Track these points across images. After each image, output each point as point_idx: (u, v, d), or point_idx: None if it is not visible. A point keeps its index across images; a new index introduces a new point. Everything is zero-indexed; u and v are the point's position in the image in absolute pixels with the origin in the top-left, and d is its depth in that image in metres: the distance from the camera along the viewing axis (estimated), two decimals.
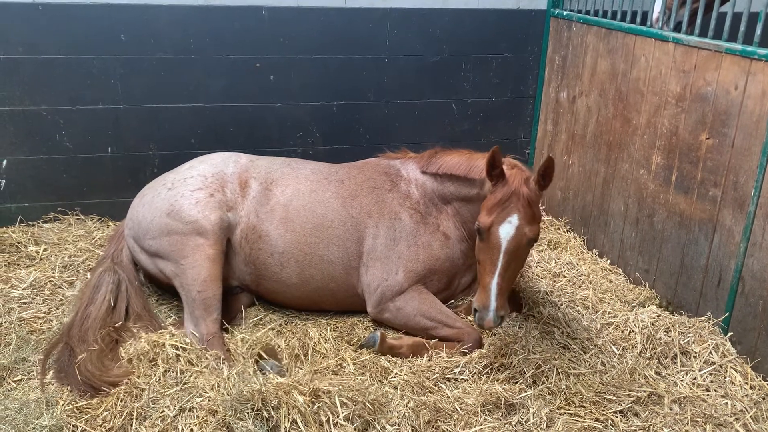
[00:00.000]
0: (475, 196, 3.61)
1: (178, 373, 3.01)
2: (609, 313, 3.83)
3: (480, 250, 3.20)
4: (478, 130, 5.43)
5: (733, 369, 3.37)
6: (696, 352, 3.46)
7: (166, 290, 3.88)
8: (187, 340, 3.27)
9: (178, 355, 3.12)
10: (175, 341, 3.21)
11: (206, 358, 3.15)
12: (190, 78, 4.65)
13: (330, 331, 3.65)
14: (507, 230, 3.12)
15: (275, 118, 4.88)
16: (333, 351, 3.46)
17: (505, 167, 3.31)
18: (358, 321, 3.80)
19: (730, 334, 3.55)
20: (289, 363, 3.35)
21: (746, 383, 3.30)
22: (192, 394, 2.85)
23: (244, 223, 3.65)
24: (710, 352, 3.45)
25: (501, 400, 3.06)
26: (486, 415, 3.01)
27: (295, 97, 4.88)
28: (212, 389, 2.86)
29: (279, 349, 3.45)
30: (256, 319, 3.78)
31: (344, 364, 3.33)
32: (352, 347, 3.52)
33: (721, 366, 3.39)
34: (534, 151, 5.55)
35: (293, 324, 3.74)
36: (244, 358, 3.23)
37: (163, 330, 3.43)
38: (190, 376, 3.01)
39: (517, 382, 3.22)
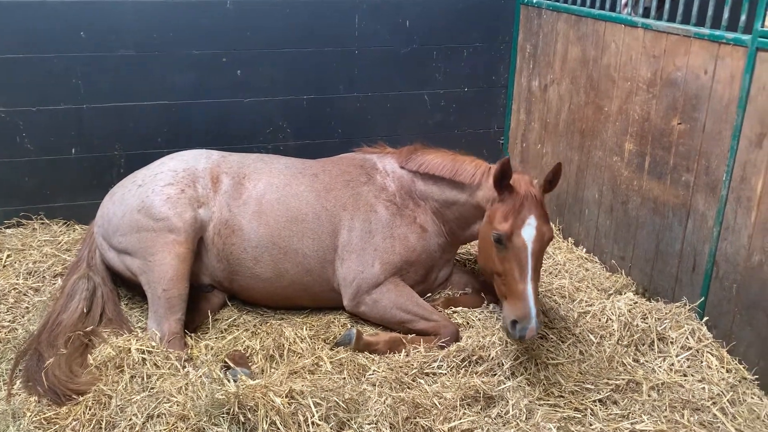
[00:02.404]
0: (463, 201, 3.63)
1: (145, 378, 2.96)
2: (586, 301, 3.84)
3: (502, 259, 3.22)
4: (451, 121, 5.42)
5: (710, 353, 3.41)
6: (673, 338, 3.49)
7: (137, 292, 3.81)
8: (153, 343, 3.22)
9: (144, 359, 3.08)
10: (141, 345, 3.16)
11: (170, 359, 3.11)
12: (154, 75, 4.57)
13: (306, 329, 3.62)
14: (529, 232, 3.17)
15: (244, 114, 4.82)
16: (309, 350, 3.43)
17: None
18: (335, 318, 3.78)
19: (705, 318, 3.58)
20: (264, 364, 3.32)
21: (723, 367, 3.34)
22: (159, 399, 2.80)
23: (216, 218, 3.63)
24: (687, 338, 3.48)
25: (480, 393, 3.06)
26: (465, 409, 3.01)
27: (264, 92, 4.82)
28: (180, 393, 2.81)
29: (253, 352, 3.41)
30: (229, 320, 3.73)
31: (321, 363, 3.31)
32: (329, 345, 3.50)
33: (697, 351, 3.43)
34: (507, 141, 5.55)
35: (268, 324, 3.70)
36: (211, 363, 3.18)
37: (131, 333, 3.37)
38: (157, 379, 2.96)
39: (495, 375, 3.23)
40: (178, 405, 2.76)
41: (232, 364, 3.21)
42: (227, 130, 4.82)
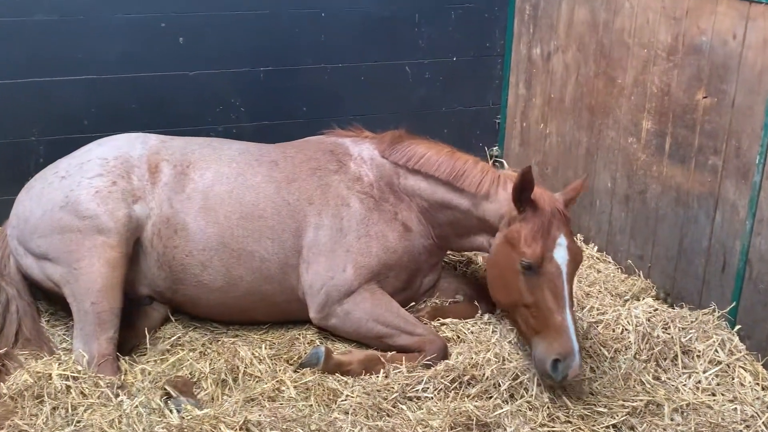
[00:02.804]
0: (463, 209, 3.64)
1: (70, 410, 2.93)
2: (598, 309, 3.86)
3: (533, 288, 3.24)
4: (437, 96, 5.40)
5: (743, 368, 3.45)
6: (699, 351, 3.52)
7: (61, 305, 3.77)
8: (80, 367, 3.19)
9: (68, 387, 3.04)
10: (65, 370, 3.12)
11: (99, 386, 3.07)
12: (78, 44, 4.50)
13: (265, 348, 3.60)
14: (562, 255, 3.24)
15: (188, 91, 4.76)
16: (269, 373, 3.42)
17: (510, 184, 3.42)
18: (299, 334, 3.76)
19: (737, 327, 3.62)
20: (215, 391, 3.30)
21: (757, 384, 3.38)
22: None
23: (155, 216, 3.59)
24: (716, 350, 3.52)
25: (472, 420, 3.06)
26: None
27: (213, 64, 4.77)
28: (111, 426, 2.79)
29: (201, 376, 3.39)
30: (172, 339, 3.70)
31: (283, 389, 3.29)
32: (293, 367, 3.48)
33: (728, 366, 3.46)
34: (505, 120, 5.57)
35: (219, 343, 3.68)
36: (149, 391, 3.15)
37: (53, 356, 3.33)
38: (84, 411, 2.93)
39: (491, 398, 3.23)
40: None
41: (174, 392, 3.18)
42: (168, 110, 4.76)
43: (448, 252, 4.23)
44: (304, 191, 3.69)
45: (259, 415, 2.88)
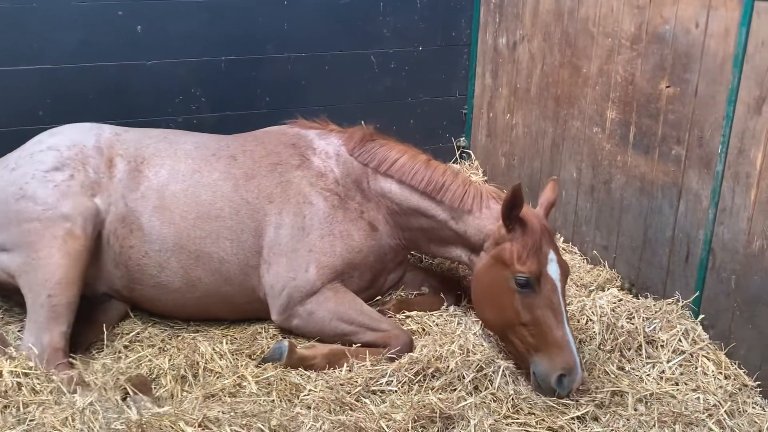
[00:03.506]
0: (441, 220, 3.61)
1: (21, 408, 2.87)
2: None
3: (530, 306, 3.25)
4: (403, 87, 5.41)
5: (705, 357, 3.50)
6: (663, 341, 3.56)
7: (15, 301, 3.70)
8: (31, 363, 3.13)
9: (19, 384, 2.98)
10: (15, 366, 3.06)
11: (53, 381, 3.03)
12: (32, 32, 4.41)
13: (226, 343, 3.58)
14: (554, 270, 3.29)
15: (147, 80, 4.72)
16: (230, 368, 3.39)
17: (493, 202, 3.51)
18: (261, 329, 3.74)
19: (701, 317, 3.67)
20: (174, 387, 3.26)
21: (720, 373, 3.43)
22: None
23: (111, 213, 3.55)
24: (679, 340, 3.56)
25: (436, 413, 3.06)
26: None
27: (172, 53, 4.72)
28: (64, 425, 2.75)
29: (160, 372, 3.35)
30: (131, 335, 3.66)
31: (244, 384, 3.27)
32: (255, 362, 3.46)
33: (691, 355, 3.51)
34: (472, 110, 5.58)
35: (179, 338, 3.65)
36: (103, 388, 3.10)
37: (5, 353, 3.27)
38: (36, 409, 2.87)
39: (455, 390, 3.24)
40: None
41: (131, 391, 3.13)
42: (126, 100, 4.71)
43: None
44: (263, 189, 3.65)
45: (218, 412, 2.85)
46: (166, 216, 3.56)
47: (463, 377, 3.28)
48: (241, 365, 3.42)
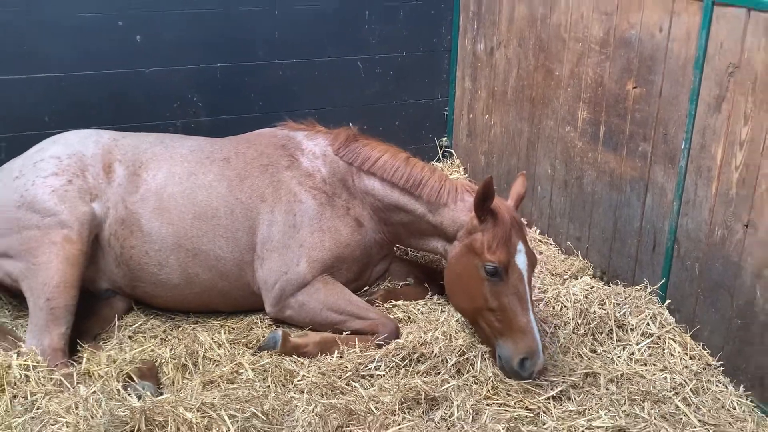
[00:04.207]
0: (419, 214, 3.64)
1: (29, 397, 2.88)
2: (539, 288, 3.93)
3: (498, 293, 3.27)
4: (389, 90, 5.42)
5: (672, 339, 3.54)
6: (633, 325, 3.60)
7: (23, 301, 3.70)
8: (39, 357, 3.13)
9: (27, 376, 2.99)
10: (24, 360, 3.07)
11: (54, 374, 3.04)
12: (37, 43, 4.40)
13: (224, 333, 3.59)
14: (522, 260, 3.31)
15: (146, 87, 4.71)
16: (228, 357, 3.41)
17: (467, 195, 3.51)
18: (257, 320, 3.76)
19: (668, 302, 3.71)
20: (175, 375, 3.28)
21: (686, 354, 3.47)
22: (45, 420, 2.73)
23: (111, 216, 3.54)
24: (647, 323, 3.60)
25: (421, 395, 3.09)
26: (405, 413, 3.03)
27: (169, 60, 4.72)
28: (68, 412, 2.75)
29: (163, 361, 3.36)
30: (134, 326, 3.67)
31: (241, 371, 3.29)
32: (251, 350, 3.47)
33: (659, 338, 3.55)
34: (453, 112, 5.60)
35: (180, 329, 3.66)
36: (107, 378, 3.11)
37: (17, 348, 3.27)
38: (43, 398, 2.88)
39: (439, 373, 3.27)
40: (68, 426, 2.70)
41: (137, 378, 3.15)
42: (127, 106, 4.70)
43: None
44: (256, 188, 3.65)
45: (214, 398, 2.86)
46: (164, 217, 3.56)
47: (447, 361, 3.31)
48: (239, 353, 3.43)
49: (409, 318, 3.77)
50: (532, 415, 3.09)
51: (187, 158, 3.71)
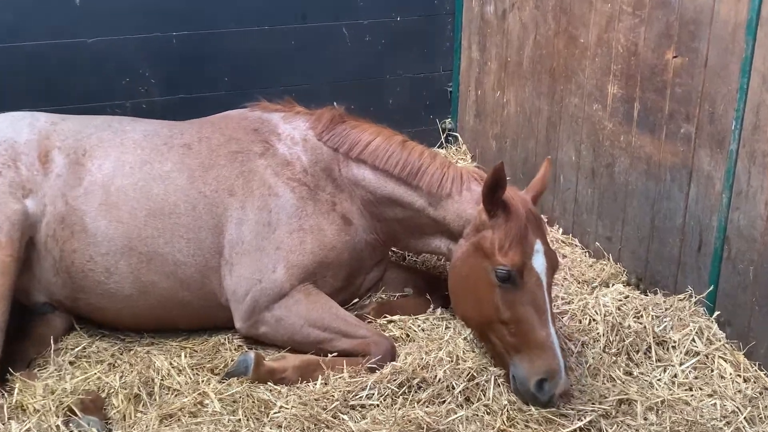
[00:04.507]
0: (418, 208, 3.64)
1: None
2: (562, 298, 3.92)
3: (512, 303, 3.26)
4: (381, 63, 5.41)
5: (722, 359, 3.52)
6: (675, 342, 3.59)
7: None
8: None
9: None
10: None
11: None
12: None
13: (185, 357, 3.57)
14: (540, 262, 3.29)
15: (89, 60, 4.69)
16: (190, 385, 3.38)
17: (475, 184, 3.51)
18: (225, 340, 3.73)
19: (716, 313, 3.70)
20: (127, 408, 3.24)
21: (739, 376, 3.45)
22: None
23: (49, 214, 3.52)
24: (692, 340, 3.59)
25: (423, 428, 3.06)
26: None
27: (117, 28, 4.70)
28: None
29: (111, 391, 3.33)
30: (77, 350, 3.64)
31: (206, 402, 3.25)
32: (218, 377, 3.45)
33: (707, 356, 3.54)
34: (458, 88, 5.58)
35: (132, 352, 3.63)
36: (44, 413, 3.07)
37: None
38: None
39: (444, 402, 3.24)
40: None
41: (80, 412, 3.11)
42: (65, 83, 4.69)
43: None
44: (223, 180, 3.63)
45: None
46: (113, 214, 3.53)
47: (453, 388, 3.28)
48: (202, 381, 3.40)
49: (408, 336, 3.74)
50: None
51: (140, 144, 3.69)
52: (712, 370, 3.47)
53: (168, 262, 3.55)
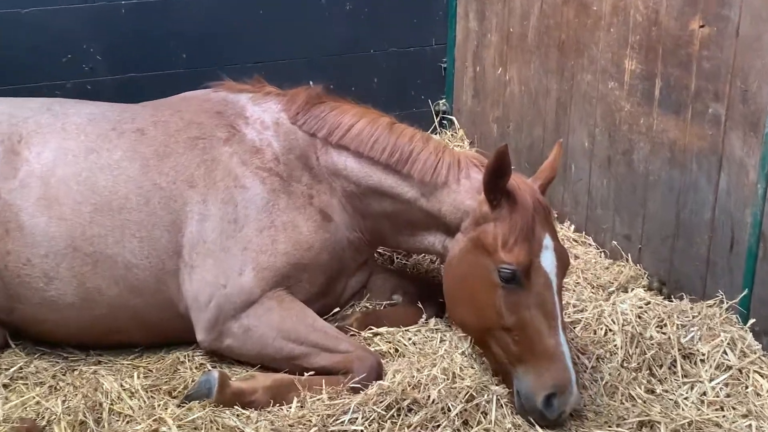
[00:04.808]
0: (409, 199, 3.66)
1: None
2: (574, 305, 3.94)
3: (518, 305, 3.28)
4: (364, 35, 5.43)
5: (758, 374, 3.54)
6: (704, 354, 3.61)
7: None
8: None
9: None
10: None
11: None
12: None
13: (138, 378, 3.57)
14: (549, 260, 3.32)
15: (24, 34, 4.70)
16: (144, 410, 3.37)
17: (475, 171, 3.55)
18: (184, 357, 3.73)
19: (751, 321, 3.72)
20: None
21: None
22: None
23: None
24: (724, 352, 3.60)
25: None
26: None
27: None
28: None
29: (52, 418, 3.32)
30: (11, 370, 3.62)
31: (163, 429, 3.24)
32: (176, 400, 3.44)
33: (740, 371, 3.55)
34: (453, 64, 5.59)
35: (76, 373, 3.63)
36: None
37: None
38: None
39: (438, 426, 3.24)
40: None
41: None
42: None
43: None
44: (181, 170, 3.65)
45: None
46: (53, 210, 3.54)
47: (449, 410, 3.28)
48: (159, 405, 3.39)
49: (397, 351, 3.76)
50: None
51: (84, 130, 3.70)
52: (747, 387, 3.49)
53: (117, 264, 3.56)
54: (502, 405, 3.34)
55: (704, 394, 3.47)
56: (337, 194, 3.78)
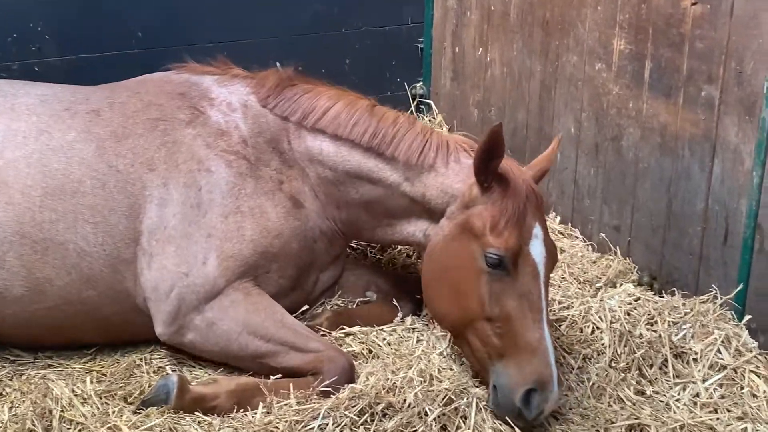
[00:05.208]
0: (391, 183, 3.68)
1: None
2: (560, 302, 3.94)
3: (503, 293, 3.31)
4: (336, 13, 5.44)
5: (754, 373, 3.55)
6: (697, 353, 3.62)
7: None
8: None
9: None
10: None
11: None
12: None
13: (91, 382, 3.55)
14: (539, 250, 3.35)
15: None
16: (98, 417, 3.35)
17: (464, 156, 3.59)
18: (140, 360, 3.72)
19: (747, 318, 3.74)
20: None
21: None
22: None
23: None
24: (718, 351, 3.62)
25: None
26: None
27: None
28: None
29: None
30: None
31: None
32: (132, 407, 3.43)
33: (735, 370, 3.57)
34: (430, 44, 5.58)
35: (23, 377, 3.61)
36: None
37: None
38: None
39: (415, 431, 3.23)
40: None
41: None
42: None
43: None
44: (140, 152, 3.64)
45: None
46: (1, 194, 3.52)
47: (426, 414, 3.27)
48: (113, 412, 3.38)
49: (371, 352, 3.76)
50: None
51: (35, 110, 3.70)
52: (742, 388, 3.50)
53: (69, 252, 3.54)
54: (481, 409, 3.34)
55: (697, 395, 3.49)
56: (310, 181, 3.78)
